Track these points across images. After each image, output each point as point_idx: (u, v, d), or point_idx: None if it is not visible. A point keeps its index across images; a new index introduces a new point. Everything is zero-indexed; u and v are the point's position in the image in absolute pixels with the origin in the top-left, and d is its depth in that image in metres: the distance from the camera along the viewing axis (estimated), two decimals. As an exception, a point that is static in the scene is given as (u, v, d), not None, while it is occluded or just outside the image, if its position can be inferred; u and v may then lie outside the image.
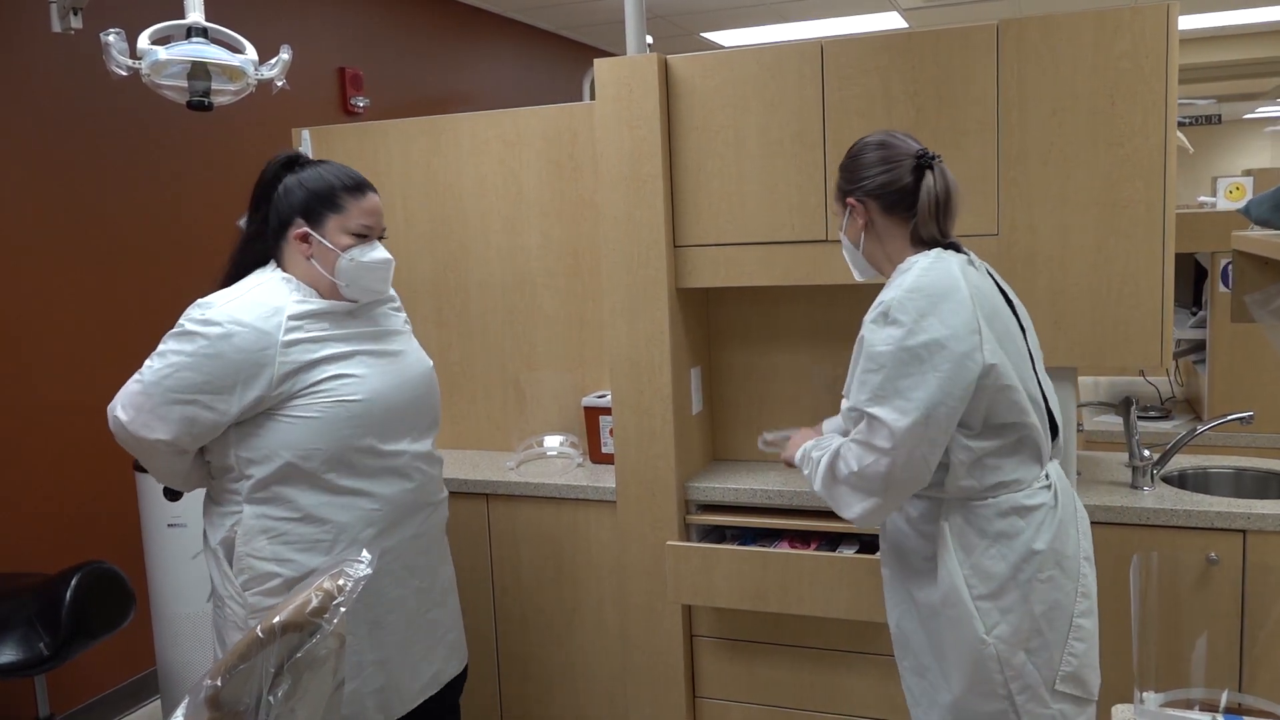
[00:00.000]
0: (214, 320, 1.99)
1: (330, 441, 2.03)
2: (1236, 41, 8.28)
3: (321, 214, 2.08)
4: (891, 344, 1.77)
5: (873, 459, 1.78)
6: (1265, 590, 2.28)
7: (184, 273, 3.89)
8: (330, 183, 2.09)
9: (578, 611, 2.93)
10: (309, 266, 2.09)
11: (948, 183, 1.90)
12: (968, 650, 1.84)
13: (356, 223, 2.09)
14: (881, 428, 1.76)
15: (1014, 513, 1.84)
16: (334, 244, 2.07)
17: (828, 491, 1.89)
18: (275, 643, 1.41)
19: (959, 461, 1.81)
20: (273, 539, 2.05)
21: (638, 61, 2.62)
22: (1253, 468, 2.75)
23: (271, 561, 2.05)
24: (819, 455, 1.92)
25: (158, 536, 3.16)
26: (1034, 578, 1.83)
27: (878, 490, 1.80)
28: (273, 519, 2.06)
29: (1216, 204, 4.90)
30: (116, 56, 2.16)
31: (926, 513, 1.90)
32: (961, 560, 1.84)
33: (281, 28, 4.42)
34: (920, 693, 1.98)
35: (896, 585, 2.01)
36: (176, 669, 3.21)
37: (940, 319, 1.76)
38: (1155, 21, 2.27)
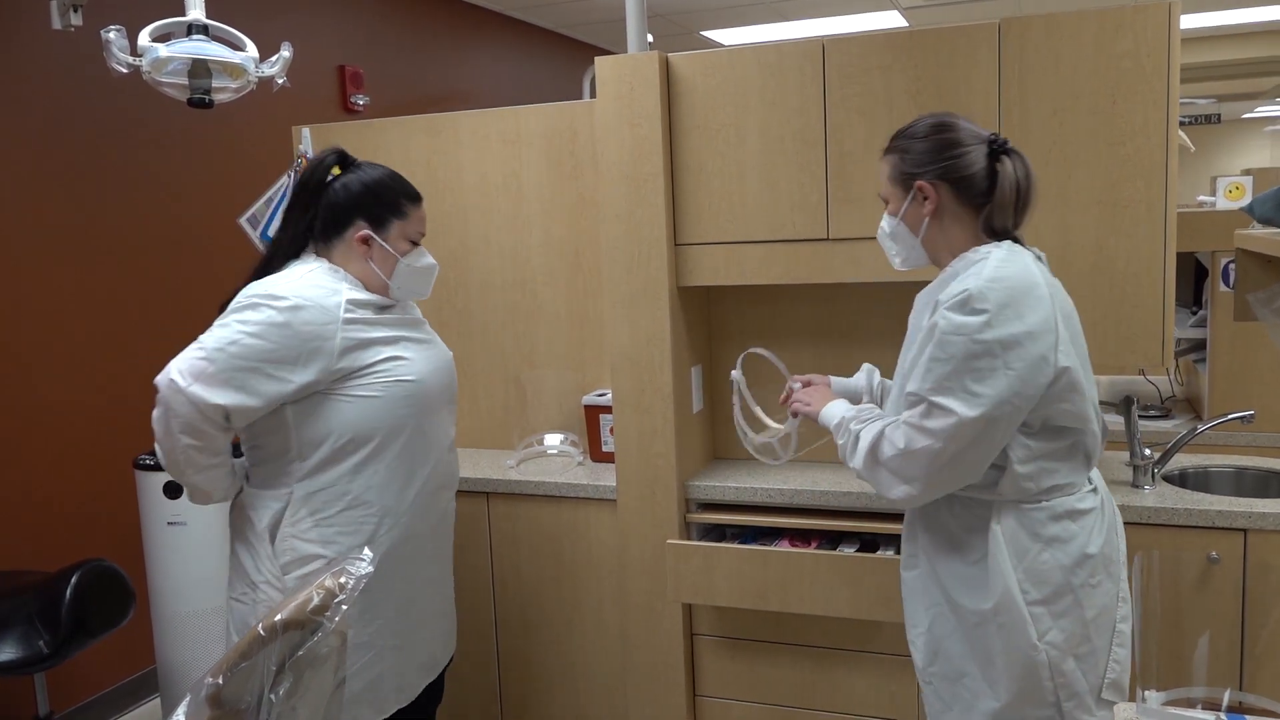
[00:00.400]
0: (280, 294, 2.04)
1: (388, 421, 2.11)
2: (1236, 41, 8.28)
3: (386, 219, 2.17)
4: (967, 334, 1.69)
5: (924, 444, 1.71)
6: (1266, 589, 2.28)
7: (184, 271, 3.89)
8: (395, 189, 2.19)
9: (578, 610, 2.93)
10: (365, 266, 2.17)
11: (1028, 170, 1.81)
12: (1019, 657, 1.78)
13: (415, 230, 2.21)
14: (942, 415, 1.69)
15: (1067, 516, 1.80)
16: (395, 249, 2.18)
17: (868, 471, 1.83)
18: (277, 640, 1.41)
19: (1016, 461, 1.75)
20: (319, 521, 2.10)
21: (639, 60, 2.62)
22: (1253, 467, 2.75)
23: (316, 543, 2.10)
24: (859, 429, 1.85)
25: (158, 535, 3.16)
26: (1086, 582, 1.79)
27: (918, 476, 1.75)
28: (322, 500, 2.10)
29: (1216, 203, 4.90)
30: (117, 54, 2.16)
31: (974, 515, 1.83)
32: (1015, 565, 1.78)
33: (281, 25, 4.41)
34: (952, 699, 1.91)
35: (930, 590, 1.93)
36: (176, 667, 3.21)
37: (1020, 315, 1.69)
38: (1157, 21, 2.27)
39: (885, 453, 1.78)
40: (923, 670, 1.98)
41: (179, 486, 3.11)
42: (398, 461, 2.14)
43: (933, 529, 1.91)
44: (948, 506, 1.86)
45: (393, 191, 2.18)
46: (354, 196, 2.16)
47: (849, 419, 1.91)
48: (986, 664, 1.83)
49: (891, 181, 1.89)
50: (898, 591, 2.44)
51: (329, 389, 2.07)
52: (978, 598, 1.82)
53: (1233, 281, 3.35)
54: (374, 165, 2.23)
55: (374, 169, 2.21)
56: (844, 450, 1.89)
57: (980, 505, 1.82)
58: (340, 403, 2.08)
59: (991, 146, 1.81)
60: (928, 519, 1.92)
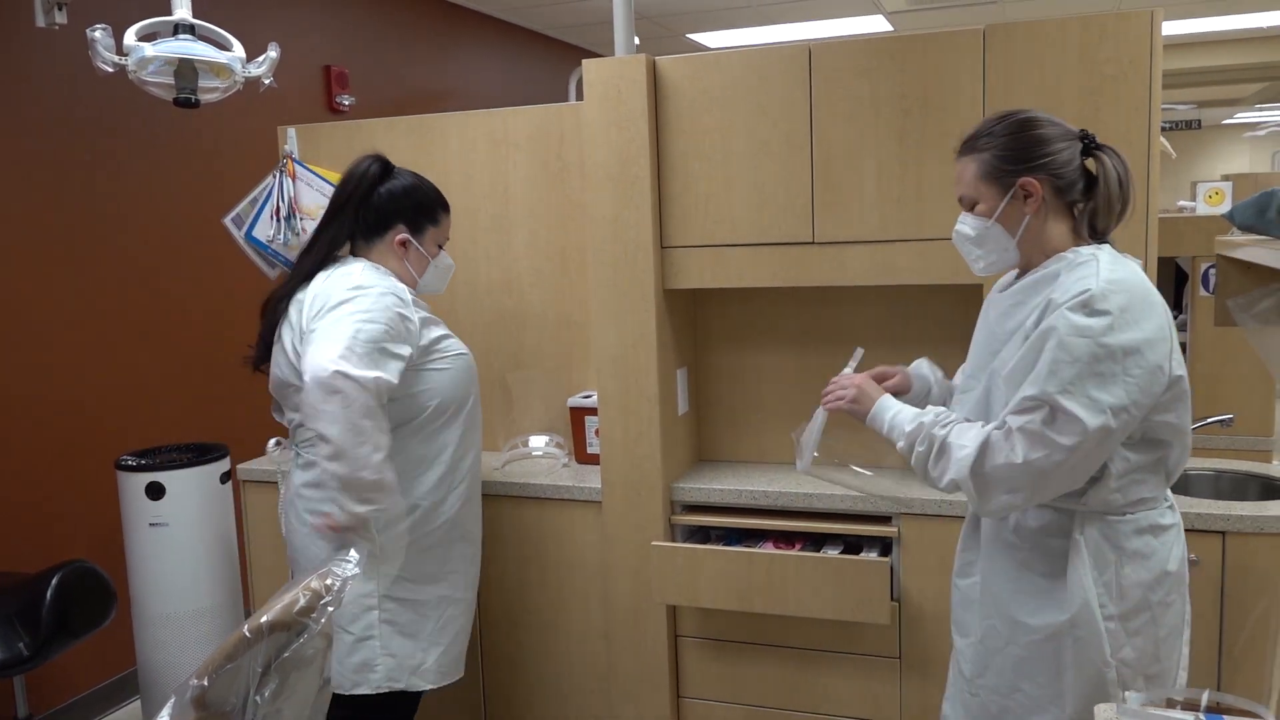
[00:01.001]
0: (367, 284, 2.26)
1: (462, 388, 2.41)
2: (1217, 47, 8.36)
3: (424, 225, 2.43)
4: (1091, 336, 1.60)
5: (1045, 453, 1.61)
6: (1244, 591, 2.30)
7: (168, 270, 3.87)
8: (434, 198, 2.46)
9: (562, 611, 2.93)
10: (401, 265, 2.41)
11: (1127, 167, 1.74)
12: (1091, 673, 1.73)
13: (445, 236, 2.50)
14: (1071, 423, 1.60)
15: (1149, 531, 1.75)
16: (428, 252, 2.45)
17: (968, 480, 1.69)
18: (263, 642, 1.41)
19: (1115, 473, 1.70)
20: (408, 480, 2.34)
21: (626, 62, 2.62)
22: (1231, 470, 2.78)
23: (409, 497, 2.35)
24: (944, 434, 1.74)
25: (139, 536, 3.14)
26: (1163, 600, 1.74)
27: (1030, 486, 1.65)
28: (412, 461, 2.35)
29: (1196, 209, 4.95)
30: (102, 53, 2.15)
31: (1054, 526, 1.77)
32: (1095, 578, 1.72)
33: (266, 25, 4.40)
34: (1002, 712, 1.86)
35: (986, 602, 1.87)
36: (157, 669, 3.19)
37: (1138, 320, 1.62)
38: (1139, 27, 2.30)
39: (994, 461, 1.66)
40: (970, 680, 1.92)
41: (161, 487, 3.11)
42: (464, 427, 2.42)
43: (1001, 540, 1.85)
44: (1027, 516, 1.80)
45: (431, 200, 2.45)
46: (397, 202, 2.40)
47: (928, 424, 1.78)
48: (1053, 679, 1.77)
49: (984, 180, 1.78)
50: (880, 593, 2.46)
51: (417, 363, 2.30)
52: (1049, 612, 1.76)
53: (1213, 286, 3.38)
54: (410, 173, 2.46)
55: (411, 177, 2.45)
56: (920, 458, 1.77)
57: (1063, 515, 1.76)
58: (428, 373, 2.33)
59: (1084, 142, 1.75)
60: (999, 529, 1.86)
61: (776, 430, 2.96)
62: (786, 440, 2.94)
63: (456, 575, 2.47)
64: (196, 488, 3.17)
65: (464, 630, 2.51)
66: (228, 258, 3.23)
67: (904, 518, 2.56)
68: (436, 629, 2.42)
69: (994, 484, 1.67)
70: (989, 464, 1.66)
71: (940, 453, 1.73)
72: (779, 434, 2.96)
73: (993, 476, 1.66)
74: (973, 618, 1.91)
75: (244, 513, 3.20)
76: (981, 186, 1.78)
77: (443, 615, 2.43)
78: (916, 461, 1.78)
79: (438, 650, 2.42)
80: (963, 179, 1.82)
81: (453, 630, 2.46)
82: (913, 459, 1.78)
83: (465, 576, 2.51)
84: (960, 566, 1.97)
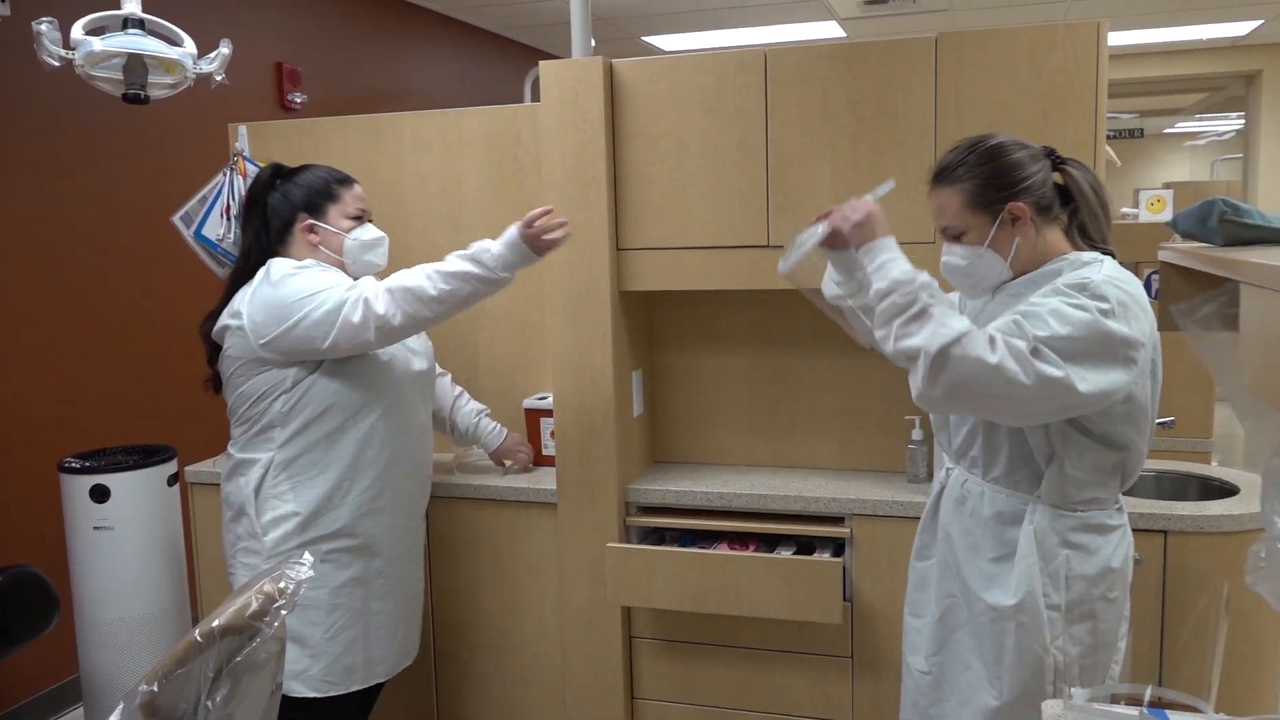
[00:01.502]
0: (287, 273, 2.33)
1: (359, 396, 2.37)
2: (1159, 58, 8.56)
3: (322, 205, 2.40)
4: (1090, 313, 1.63)
5: (1018, 370, 1.59)
6: (1184, 588, 2.36)
7: (114, 269, 3.80)
8: (324, 177, 2.43)
9: (517, 614, 2.92)
10: (318, 252, 2.41)
11: (1095, 175, 1.82)
12: (1030, 658, 1.80)
13: (353, 207, 2.44)
14: (1048, 365, 1.60)
15: (1096, 529, 1.82)
16: (338, 228, 2.41)
17: (935, 357, 1.62)
18: (214, 647, 1.39)
19: (1072, 472, 1.77)
20: (296, 484, 2.34)
21: (583, 64, 2.62)
22: (1172, 470, 2.85)
23: (292, 502, 2.33)
24: (930, 303, 1.67)
25: (82, 540, 3.08)
26: (1104, 595, 1.82)
27: (982, 393, 1.62)
28: (300, 466, 2.34)
29: (1139, 215, 5.07)
30: (49, 46, 2.10)
31: (1007, 514, 1.85)
32: (1042, 567, 1.80)
33: (216, 21, 4.33)
34: (950, 689, 1.94)
35: (947, 580, 1.95)
36: (101, 675, 3.13)
37: (1131, 320, 1.67)
38: (1086, 38, 2.35)
39: (969, 351, 1.61)
40: (926, 659, 1.99)
41: (106, 489, 3.06)
42: (364, 439, 2.36)
43: (960, 522, 1.92)
44: (983, 502, 1.88)
45: (321, 179, 2.42)
46: (290, 196, 2.41)
47: (921, 284, 1.70)
48: (994, 661, 1.85)
49: (970, 211, 1.80)
50: (833, 593, 2.48)
51: (312, 361, 2.31)
52: (1000, 595, 1.84)
53: (1155, 292, 3.47)
54: (310, 166, 2.47)
55: (301, 170, 2.45)
56: (894, 309, 1.69)
57: (1017, 503, 1.84)
58: (321, 376, 2.32)
59: (1051, 159, 1.82)
60: (957, 512, 1.93)
61: (731, 432, 2.98)
62: (742, 442, 2.97)
63: (352, 586, 2.38)
64: (143, 490, 3.12)
65: (358, 642, 2.40)
66: (176, 256, 3.18)
67: (856, 519, 2.59)
68: (325, 637, 2.35)
69: (952, 372, 1.62)
70: (962, 350, 1.61)
71: (919, 316, 1.67)
72: (733, 435, 2.98)
73: (957, 365, 1.61)
74: (930, 598, 1.99)
75: (191, 516, 3.15)
76: (968, 217, 1.81)
77: (332, 624, 2.36)
78: (886, 310, 1.71)
79: (325, 660, 2.35)
80: (945, 211, 1.83)
81: (344, 640, 2.37)
82: (882, 305, 1.72)
83: (366, 588, 2.41)
84: (918, 549, 2.05)
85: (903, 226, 1.92)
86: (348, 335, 2.23)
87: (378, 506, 2.40)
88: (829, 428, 2.89)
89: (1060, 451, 1.78)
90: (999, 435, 1.85)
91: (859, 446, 2.88)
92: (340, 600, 2.36)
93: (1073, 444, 1.77)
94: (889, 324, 1.70)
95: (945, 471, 2.02)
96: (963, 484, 1.94)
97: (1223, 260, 1.21)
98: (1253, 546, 1.31)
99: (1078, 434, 1.77)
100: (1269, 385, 1.01)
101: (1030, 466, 1.83)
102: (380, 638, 2.44)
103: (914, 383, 1.68)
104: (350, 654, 2.38)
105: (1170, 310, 1.46)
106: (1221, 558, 2.35)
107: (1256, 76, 8.54)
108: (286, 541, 2.32)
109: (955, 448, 1.97)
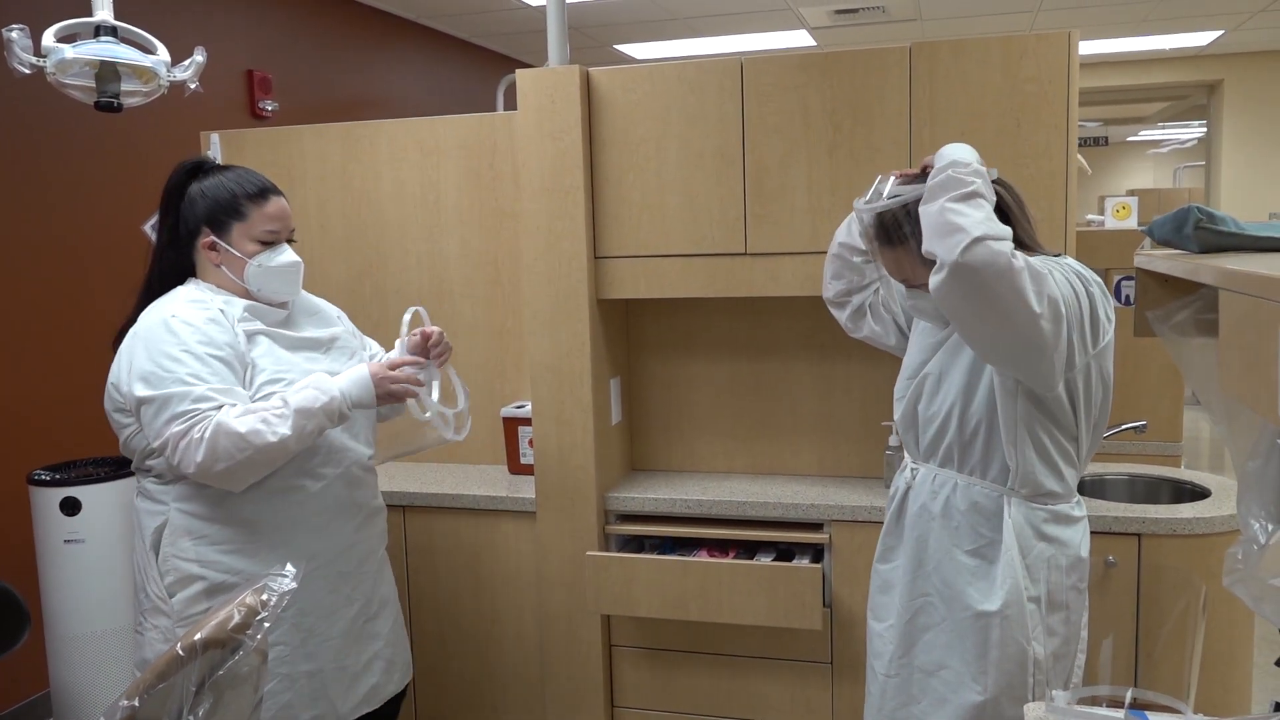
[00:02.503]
0: (136, 332, 2.02)
1: None
2: (1124, 68, 8.69)
3: (226, 222, 2.07)
4: (1079, 276, 1.79)
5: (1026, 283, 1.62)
6: (1158, 590, 2.39)
7: (84, 278, 3.74)
8: (232, 190, 2.08)
9: (497, 623, 2.91)
10: (220, 274, 2.10)
11: (1016, 190, 1.92)
12: (1014, 650, 1.86)
13: (261, 229, 2.08)
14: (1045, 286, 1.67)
15: (1064, 520, 1.92)
16: (241, 251, 2.07)
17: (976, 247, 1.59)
18: (196, 660, 1.37)
19: (1036, 449, 1.86)
20: (197, 541, 2.04)
21: (560, 73, 2.63)
22: (1144, 474, 2.88)
23: (194, 563, 2.03)
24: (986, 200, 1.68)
25: (53, 553, 3.03)
26: (1075, 585, 1.90)
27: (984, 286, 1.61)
28: (199, 521, 2.04)
29: (1105, 222, 5.13)
30: (19, 54, 2.07)
31: (984, 505, 1.91)
32: (1021, 560, 1.87)
33: (186, 28, 4.29)
34: (923, 691, 1.96)
35: (918, 582, 1.99)
36: (71, 691, 3.08)
37: (1105, 308, 1.82)
38: (1057, 48, 2.38)
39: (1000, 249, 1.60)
40: (890, 663, 2.01)
41: (77, 502, 3.01)
42: (268, 500, 2.04)
43: (932, 520, 1.97)
44: (957, 494, 1.93)
45: (230, 193, 2.07)
46: (195, 204, 2.08)
47: (977, 170, 1.71)
48: (977, 657, 1.89)
49: (924, 264, 1.76)
50: (813, 599, 2.49)
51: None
52: (982, 595, 1.88)
53: (1124, 298, 3.51)
54: (230, 169, 2.13)
55: (223, 173, 2.11)
56: (946, 183, 1.67)
57: (993, 495, 1.90)
58: None
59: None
60: (930, 509, 1.97)
61: (710, 439, 2.98)
62: (720, 449, 2.98)
63: (280, 648, 2.07)
64: (114, 503, 3.07)
65: (292, 704, 2.09)
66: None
67: (835, 525, 2.60)
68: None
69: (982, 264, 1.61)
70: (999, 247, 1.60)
71: (970, 198, 1.65)
72: (712, 443, 2.98)
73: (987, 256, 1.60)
74: (891, 600, 2.02)
75: (165, 528, 3.11)
76: (922, 270, 1.79)
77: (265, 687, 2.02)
78: (939, 183, 1.69)
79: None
80: (903, 266, 1.87)
81: (272, 706, 2.06)
82: (937, 179, 1.70)
83: (297, 650, 2.10)
84: (881, 552, 2.08)
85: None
86: (174, 457, 1.94)
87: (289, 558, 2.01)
88: (807, 434, 2.91)
89: (1023, 432, 1.85)
90: (971, 424, 1.91)
91: (837, 453, 2.89)
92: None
93: (1037, 426, 1.85)
94: (937, 197, 1.67)
95: (910, 472, 2.06)
96: (933, 479, 1.99)
97: (1201, 267, 1.23)
98: (1230, 549, 1.33)
99: (1038, 413, 1.85)
100: (1246, 389, 1.02)
101: (1002, 455, 1.89)
102: (322, 696, 2.15)
103: (943, 254, 1.63)
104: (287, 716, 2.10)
105: (1147, 316, 1.48)
106: (1195, 559, 2.39)
107: (1218, 86, 8.69)
108: (193, 605, 2.04)
109: (925, 446, 2.01)
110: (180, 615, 2.04)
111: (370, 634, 2.25)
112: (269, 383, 2.02)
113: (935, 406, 1.97)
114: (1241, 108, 8.53)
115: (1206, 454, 6.84)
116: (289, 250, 2.13)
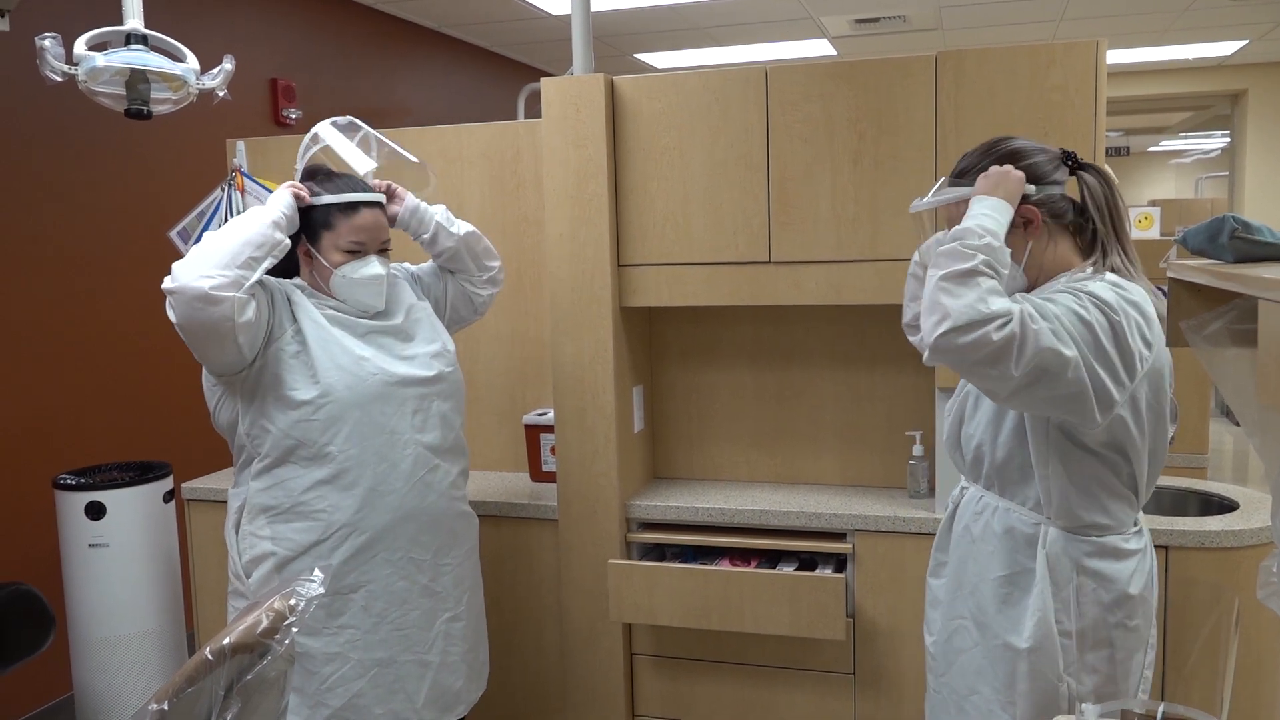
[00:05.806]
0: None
1: (316, 432, 2.16)
2: (1146, 77, 8.65)
3: (318, 232, 2.21)
4: (1099, 306, 1.61)
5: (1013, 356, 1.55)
6: (1186, 604, 2.37)
7: (111, 283, 3.78)
8: (328, 203, 2.21)
9: (517, 630, 2.90)
10: (315, 280, 2.26)
11: (1110, 184, 1.75)
12: (1044, 685, 1.76)
13: (347, 240, 2.20)
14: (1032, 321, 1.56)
15: (1111, 554, 1.76)
16: (328, 261, 2.21)
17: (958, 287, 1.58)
18: (225, 664, 1.38)
19: (1071, 478, 1.73)
20: (272, 519, 2.16)
21: (584, 81, 2.63)
22: (1171, 486, 2.86)
23: (268, 540, 2.16)
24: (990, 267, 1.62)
25: (77, 558, 3.05)
26: (1122, 623, 1.75)
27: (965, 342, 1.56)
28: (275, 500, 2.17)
29: (1130, 232, 5.10)
30: (52, 62, 2.09)
31: (1019, 531, 1.80)
32: (1054, 593, 1.75)
33: (211, 36, 4.33)
34: (959, 712, 1.89)
35: (957, 604, 1.90)
36: (95, 695, 3.09)
37: (1140, 334, 1.64)
38: (1085, 57, 2.37)
39: (990, 309, 1.55)
40: (936, 678, 1.96)
41: (102, 506, 3.03)
42: (329, 478, 2.13)
43: (972, 540, 1.88)
44: (997, 517, 1.83)
45: (324, 205, 2.21)
46: (306, 212, 2.22)
47: (986, 245, 1.62)
48: (1006, 687, 1.80)
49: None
50: (836, 609, 2.48)
51: (253, 387, 2.16)
52: (1011, 628, 1.79)
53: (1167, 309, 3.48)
54: (335, 179, 2.28)
55: (329, 180, 2.27)
56: (947, 254, 1.63)
57: (1030, 521, 1.79)
58: (265, 405, 2.15)
59: (1067, 162, 1.77)
60: (972, 529, 1.88)
61: (732, 447, 2.98)
62: (743, 458, 2.97)
63: (350, 632, 2.15)
64: (138, 507, 3.09)
65: (365, 694, 2.16)
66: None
67: (858, 534, 2.59)
68: (322, 688, 2.13)
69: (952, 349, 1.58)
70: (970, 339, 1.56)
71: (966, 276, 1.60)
72: (735, 451, 2.98)
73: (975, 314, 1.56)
74: (939, 616, 1.95)
75: (188, 533, 3.13)
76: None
77: (330, 675, 2.14)
78: (942, 253, 1.64)
79: (324, 711, 2.14)
80: (959, 212, 1.78)
81: (344, 694, 2.14)
82: (944, 247, 1.65)
83: (369, 635, 2.16)
84: (933, 567, 2.01)
85: (906, 242, 1.92)
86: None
87: (363, 547, 2.16)
88: (830, 443, 2.90)
89: (1055, 461, 1.74)
90: (1003, 450, 1.81)
91: (860, 462, 2.88)
92: (335, 650, 2.15)
93: (1070, 456, 1.73)
94: (939, 265, 1.64)
95: (960, 490, 1.98)
96: (978, 501, 1.90)
97: (1239, 276, 1.21)
98: (1264, 562, 1.31)
99: (1071, 444, 1.73)
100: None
101: (1036, 483, 1.79)
102: (398, 690, 2.20)
103: (925, 330, 1.62)
104: (353, 709, 2.16)
105: (1181, 326, 1.46)
106: (1223, 573, 2.36)
107: (1242, 95, 8.63)
108: (265, 585, 2.12)
109: (968, 467, 1.93)
110: (255, 595, 2.12)
111: (453, 634, 2.32)
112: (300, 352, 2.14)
113: (972, 428, 1.88)
114: (1266, 117, 8.48)
115: (1230, 466, 6.77)
116: (375, 262, 2.23)
